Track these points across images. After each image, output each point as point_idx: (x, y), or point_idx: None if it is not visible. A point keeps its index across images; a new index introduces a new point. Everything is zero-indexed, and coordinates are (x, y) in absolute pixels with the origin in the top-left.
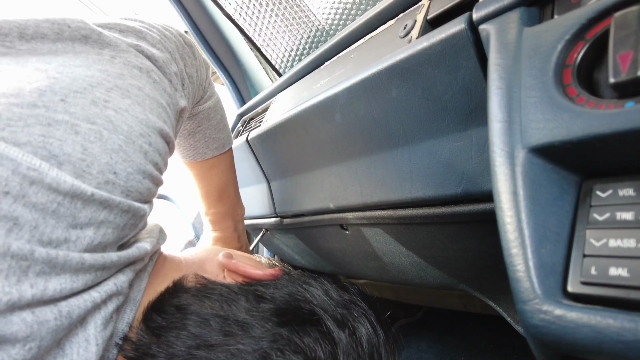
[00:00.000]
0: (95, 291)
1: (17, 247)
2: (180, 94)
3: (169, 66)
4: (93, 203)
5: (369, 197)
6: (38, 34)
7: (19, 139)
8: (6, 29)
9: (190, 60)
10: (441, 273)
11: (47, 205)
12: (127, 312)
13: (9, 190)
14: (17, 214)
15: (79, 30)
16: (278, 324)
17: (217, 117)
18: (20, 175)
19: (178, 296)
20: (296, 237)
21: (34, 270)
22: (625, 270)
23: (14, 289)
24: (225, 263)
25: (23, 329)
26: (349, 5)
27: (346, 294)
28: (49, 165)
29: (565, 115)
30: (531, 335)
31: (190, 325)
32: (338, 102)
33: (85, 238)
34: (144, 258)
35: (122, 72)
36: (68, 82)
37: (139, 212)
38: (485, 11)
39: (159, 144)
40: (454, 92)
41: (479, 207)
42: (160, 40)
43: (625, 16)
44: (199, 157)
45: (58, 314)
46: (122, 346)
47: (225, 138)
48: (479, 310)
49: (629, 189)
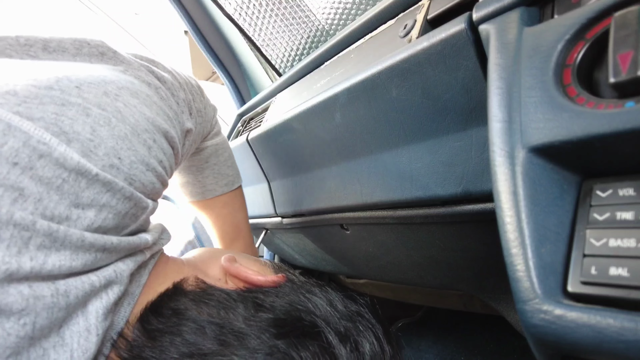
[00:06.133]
0: (94, 275)
1: (20, 216)
2: (187, 117)
3: (178, 91)
4: (97, 183)
5: (369, 197)
6: (60, 48)
7: (33, 114)
8: (32, 41)
9: (199, 97)
10: (441, 273)
11: (52, 180)
12: (125, 305)
13: (18, 161)
14: (23, 185)
15: (97, 47)
16: (276, 336)
17: (224, 154)
18: (30, 148)
19: (176, 299)
20: (296, 237)
21: (35, 243)
22: (625, 270)
23: (14, 259)
24: (227, 267)
25: (19, 300)
26: (349, 5)
27: (353, 305)
28: (58, 141)
29: (565, 115)
30: (531, 335)
31: (185, 332)
32: (338, 102)
33: (86, 219)
34: (144, 251)
35: (132, 80)
36: (83, 76)
37: (141, 203)
38: (485, 11)
39: (163, 144)
40: (454, 92)
41: (479, 207)
42: (171, 71)
43: (625, 16)
44: (208, 194)
45: (55, 291)
46: (117, 344)
47: (234, 175)
48: (479, 310)
49: (629, 189)
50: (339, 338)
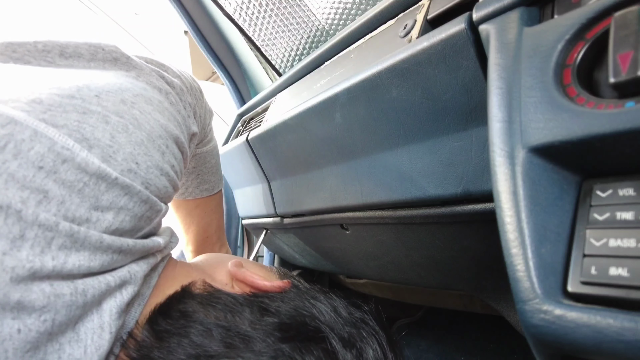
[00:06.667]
0: (110, 275)
1: (45, 217)
2: (192, 121)
3: (185, 95)
4: (116, 187)
5: (369, 197)
6: (76, 53)
7: (57, 121)
8: (49, 47)
9: (200, 102)
10: (441, 273)
11: (74, 183)
12: (135, 306)
13: (44, 165)
14: (47, 187)
15: (111, 53)
16: (281, 340)
17: (212, 161)
18: (54, 153)
19: (184, 302)
20: (296, 237)
21: (57, 243)
22: (625, 270)
23: (37, 258)
24: (234, 272)
25: (41, 298)
26: (349, 5)
27: (357, 312)
28: (80, 147)
29: (565, 115)
30: (531, 335)
31: (193, 334)
32: (338, 102)
33: (105, 221)
34: (156, 254)
35: (145, 87)
36: (102, 84)
37: (155, 206)
38: (485, 11)
39: (174, 149)
40: (454, 92)
41: (479, 207)
42: (179, 75)
43: (625, 16)
44: (188, 195)
45: (74, 290)
46: (126, 343)
47: (216, 181)
48: (479, 310)
49: (629, 189)
50: (342, 344)
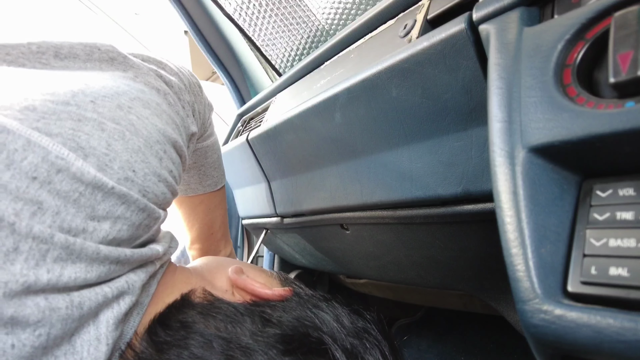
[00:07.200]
0: (107, 286)
1: (39, 229)
2: (191, 120)
3: (183, 94)
4: (112, 196)
5: (369, 197)
6: (71, 54)
7: (51, 130)
8: (43, 48)
9: (199, 98)
10: (441, 273)
11: (69, 194)
12: (134, 315)
13: (37, 175)
14: (42, 198)
15: (107, 52)
16: (283, 352)
17: (214, 156)
18: (48, 163)
19: (184, 312)
20: (296, 237)
21: (52, 256)
22: (625, 270)
23: (32, 272)
24: (234, 279)
25: (35, 313)
26: (349, 5)
27: (359, 321)
28: (75, 156)
29: (565, 115)
30: (531, 335)
31: (193, 345)
32: (338, 102)
33: (101, 231)
34: (154, 262)
35: (143, 89)
36: (97, 88)
37: (154, 214)
38: (485, 11)
39: (172, 154)
40: (454, 92)
41: (479, 207)
42: (177, 72)
43: (625, 16)
44: (190, 192)
45: (70, 303)
46: (125, 355)
47: (218, 177)
48: (479, 310)
49: (629, 189)
50: (345, 355)
